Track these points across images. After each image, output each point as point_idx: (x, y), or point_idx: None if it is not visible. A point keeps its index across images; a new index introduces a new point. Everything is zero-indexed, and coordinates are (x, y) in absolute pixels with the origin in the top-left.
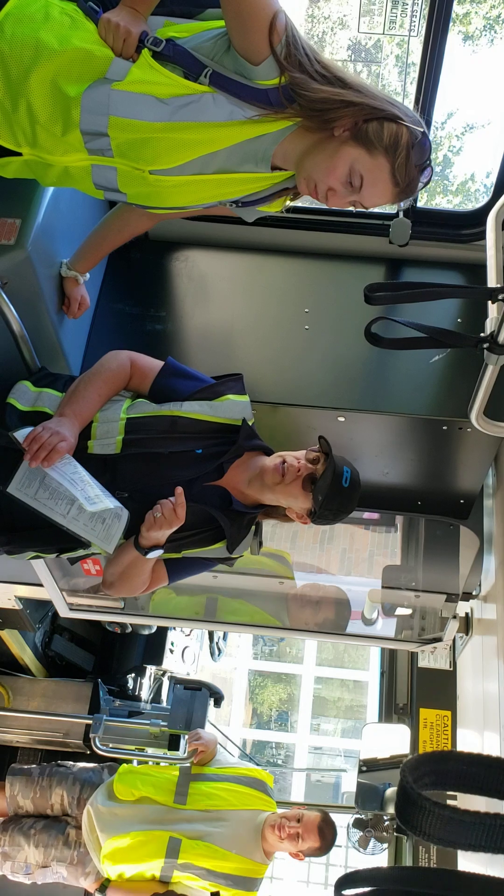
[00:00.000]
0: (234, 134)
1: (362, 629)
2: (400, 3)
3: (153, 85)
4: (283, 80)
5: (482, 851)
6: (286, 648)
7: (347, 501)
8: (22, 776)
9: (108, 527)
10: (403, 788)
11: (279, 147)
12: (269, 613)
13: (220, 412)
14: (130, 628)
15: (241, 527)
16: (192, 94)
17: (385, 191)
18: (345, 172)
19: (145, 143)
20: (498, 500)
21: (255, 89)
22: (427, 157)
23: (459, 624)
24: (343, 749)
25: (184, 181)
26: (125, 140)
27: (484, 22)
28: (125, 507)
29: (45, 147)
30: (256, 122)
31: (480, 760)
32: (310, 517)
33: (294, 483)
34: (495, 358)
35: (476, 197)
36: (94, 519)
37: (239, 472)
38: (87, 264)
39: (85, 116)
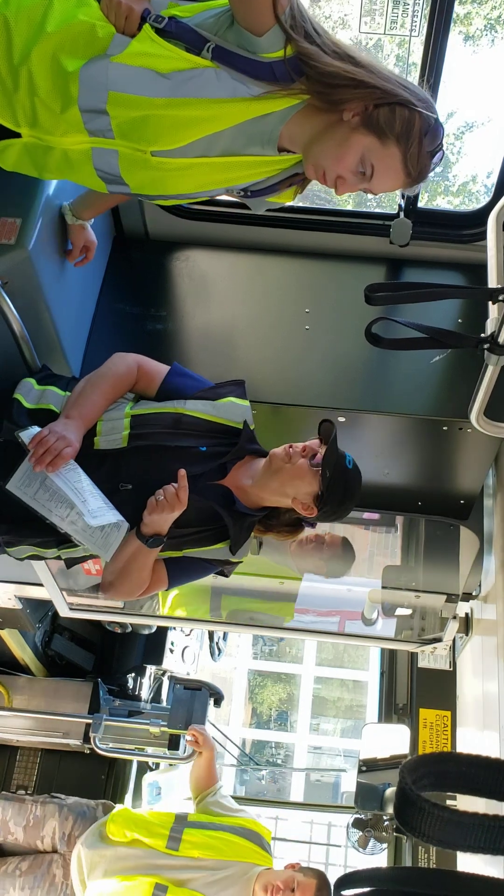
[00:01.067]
0: (239, 112)
1: (362, 629)
2: (401, 3)
3: (153, 58)
4: (288, 51)
5: (481, 853)
6: (286, 648)
7: (353, 484)
8: (15, 801)
9: (107, 535)
10: (402, 789)
11: (286, 127)
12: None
13: (223, 413)
14: (130, 628)
15: (242, 528)
16: (194, 68)
17: (396, 179)
18: (355, 161)
19: (146, 120)
20: (498, 501)
21: (260, 63)
22: (439, 143)
23: (459, 624)
24: (343, 749)
25: (188, 164)
26: (125, 119)
27: (485, 22)
28: (128, 501)
29: (45, 126)
30: (261, 99)
31: (480, 762)
32: (316, 504)
33: (301, 464)
34: (496, 358)
35: (477, 197)
36: (92, 526)
37: (240, 474)
38: (92, 213)
39: (83, 92)
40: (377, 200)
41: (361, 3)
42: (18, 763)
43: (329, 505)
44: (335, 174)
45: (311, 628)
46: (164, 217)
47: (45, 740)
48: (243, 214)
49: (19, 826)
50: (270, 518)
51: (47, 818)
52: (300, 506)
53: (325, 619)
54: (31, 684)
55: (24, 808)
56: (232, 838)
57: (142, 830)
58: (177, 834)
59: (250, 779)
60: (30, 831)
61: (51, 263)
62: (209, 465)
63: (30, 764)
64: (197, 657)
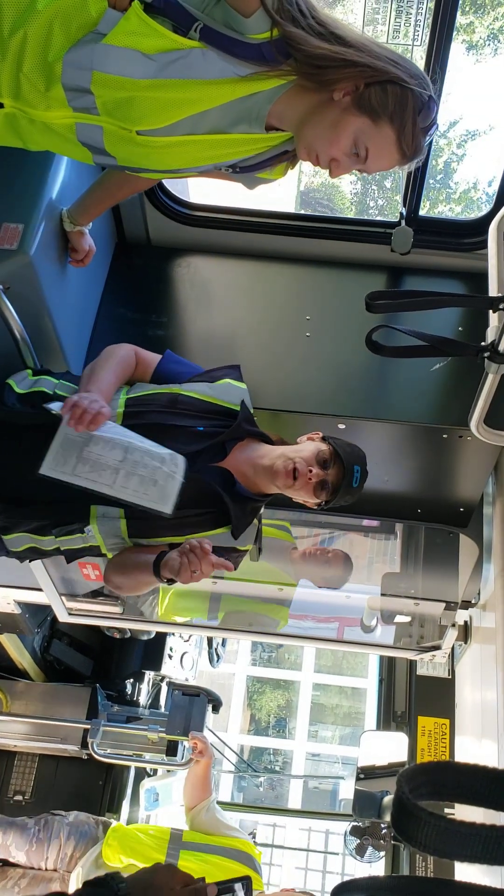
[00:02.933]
0: (226, 92)
1: (361, 636)
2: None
3: (139, 37)
4: (275, 33)
5: (478, 863)
6: (285, 655)
7: (357, 492)
8: (17, 827)
9: (163, 488)
10: (399, 799)
11: (274, 106)
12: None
13: (220, 394)
14: (129, 633)
15: (245, 512)
16: (180, 49)
17: (391, 159)
18: (349, 144)
19: (131, 101)
20: (497, 509)
21: (247, 44)
22: (433, 119)
23: (458, 632)
24: (341, 756)
25: (174, 142)
26: (110, 99)
27: (487, 32)
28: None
29: (28, 99)
30: (249, 79)
31: (478, 771)
32: (322, 504)
33: (305, 487)
34: (495, 367)
35: (478, 206)
36: (144, 483)
37: (241, 459)
38: (89, 218)
39: (67, 72)
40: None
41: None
42: (16, 768)
43: (335, 504)
44: (328, 157)
45: (310, 635)
46: (165, 223)
47: (43, 745)
48: (245, 221)
49: (21, 850)
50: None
51: (51, 841)
52: (304, 502)
53: (324, 625)
54: (29, 689)
55: (26, 832)
56: (226, 863)
57: (137, 856)
58: (172, 859)
59: (248, 785)
60: (32, 855)
61: (52, 268)
62: (207, 443)
63: (27, 769)
64: (195, 663)
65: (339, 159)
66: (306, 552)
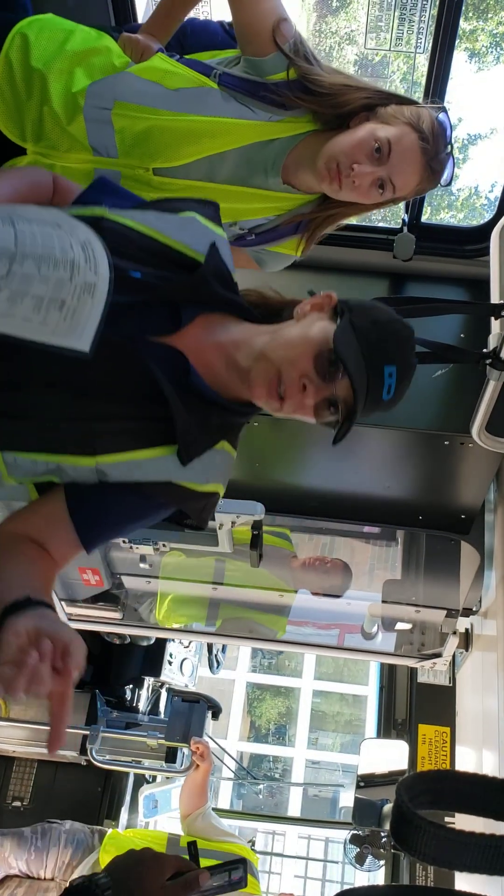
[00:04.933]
0: (243, 133)
1: (362, 643)
2: (407, 20)
3: (163, 73)
4: (291, 74)
5: (478, 872)
6: (285, 662)
7: (391, 405)
8: (13, 837)
9: (73, 312)
10: (399, 807)
11: (290, 157)
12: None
13: (176, 230)
14: (129, 639)
15: (200, 423)
16: (202, 86)
17: (415, 159)
18: (369, 143)
19: (149, 133)
20: (499, 516)
21: (265, 84)
22: (449, 136)
23: (459, 640)
24: (341, 764)
25: (191, 185)
26: (129, 132)
27: (490, 39)
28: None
29: (50, 139)
30: (267, 124)
31: (477, 780)
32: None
33: (298, 410)
34: (497, 374)
35: (481, 213)
36: (43, 306)
37: (206, 338)
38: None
39: (90, 100)
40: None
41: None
42: (14, 774)
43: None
44: (350, 160)
45: (311, 642)
46: None
47: (42, 751)
48: None
49: (20, 860)
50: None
51: (50, 848)
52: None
53: (325, 632)
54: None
55: (23, 841)
56: None
57: None
58: None
59: (248, 793)
60: (31, 864)
61: None
62: (147, 297)
63: (26, 775)
64: (195, 669)
65: (360, 161)
66: (306, 562)
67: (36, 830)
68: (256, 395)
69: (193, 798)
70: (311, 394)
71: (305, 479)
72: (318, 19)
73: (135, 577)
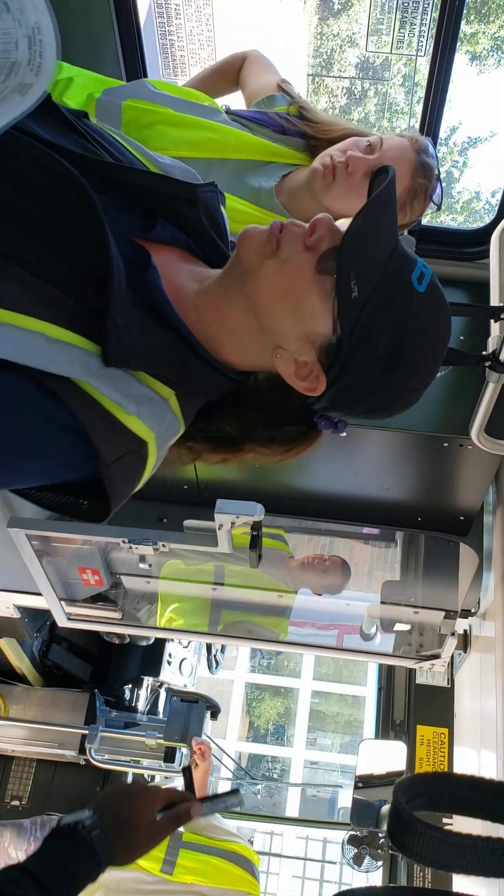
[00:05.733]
0: (245, 147)
1: (360, 644)
2: (408, 23)
3: (180, 91)
4: (292, 109)
5: (474, 875)
6: (284, 662)
7: (422, 332)
8: (13, 828)
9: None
10: (395, 809)
11: (284, 181)
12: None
13: (167, 166)
14: (128, 639)
15: (144, 332)
16: (212, 105)
17: (406, 154)
18: (362, 140)
19: (154, 127)
20: (498, 518)
21: (269, 113)
22: (435, 158)
23: (458, 641)
24: (340, 764)
25: None
26: (136, 126)
27: (491, 42)
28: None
29: None
30: (268, 144)
31: (474, 782)
32: (328, 362)
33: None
34: (496, 376)
35: (480, 215)
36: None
37: (181, 263)
38: None
39: (104, 96)
40: None
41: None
42: (13, 773)
43: (355, 373)
44: (344, 153)
45: (309, 642)
46: None
47: (41, 750)
48: None
49: (20, 850)
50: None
51: None
52: (294, 368)
53: (323, 632)
54: (27, 694)
55: (23, 831)
56: (225, 865)
57: None
58: (171, 857)
59: (246, 793)
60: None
61: None
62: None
63: (24, 775)
64: (194, 669)
65: (353, 152)
66: (304, 561)
67: (35, 822)
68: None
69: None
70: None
71: (305, 481)
72: (320, 22)
73: (134, 577)
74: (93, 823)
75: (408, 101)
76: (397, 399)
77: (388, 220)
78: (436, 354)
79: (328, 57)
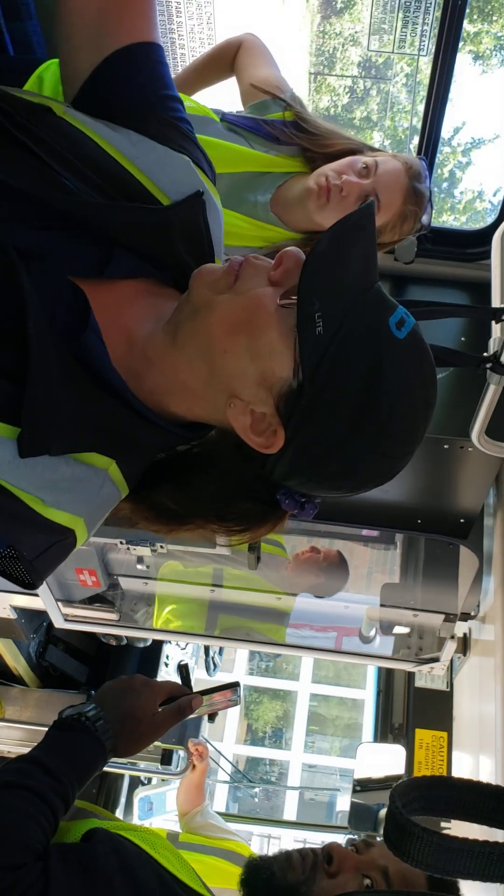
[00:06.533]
0: (240, 160)
1: (359, 647)
2: (410, 22)
3: None
4: (287, 115)
5: (471, 879)
6: (282, 664)
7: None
8: None
9: None
10: (392, 813)
11: (279, 191)
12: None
13: (150, 163)
14: (126, 641)
15: (74, 403)
16: (206, 115)
17: (400, 179)
18: (357, 162)
19: None
20: (498, 521)
21: (264, 119)
22: (428, 181)
23: (457, 644)
24: (338, 768)
25: None
26: None
27: (495, 42)
28: None
29: None
30: (263, 155)
31: (471, 787)
32: (285, 410)
33: (265, 294)
34: (498, 378)
35: (483, 216)
36: None
37: (137, 302)
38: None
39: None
40: None
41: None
42: None
43: (311, 427)
44: (338, 174)
45: (308, 645)
46: None
47: None
48: None
49: None
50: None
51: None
52: (249, 420)
53: (322, 635)
54: (23, 695)
55: None
56: (222, 864)
57: None
58: None
59: (244, 796)
60: None
61: None
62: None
63: None
64: (192, 671)
65: (347, 174)
66: (300, 555)
67: None
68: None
69: (191, 797)
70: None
71: None
72: (323, 20)
73: (132, 579)
74: (96, 715)
75: (410, 101)
76: (368, 463)
77: (363, 250)
78: (415, 414)
79: (330, 55)
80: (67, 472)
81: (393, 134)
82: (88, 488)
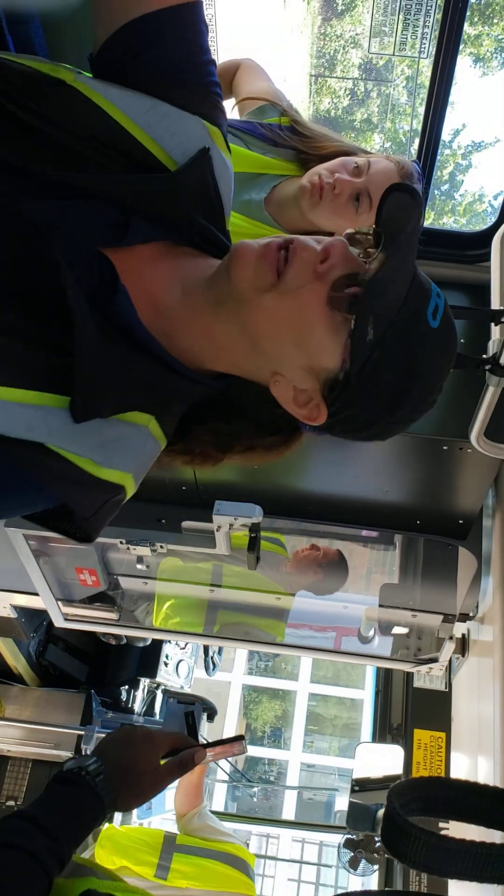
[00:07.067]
0: (235, 158)
1: (358, 647)
2: (411, 25)
3: None
4: (283, 120)
5: (469, 880)
6: (281, 664)
7: (428, 369)
8: None
9: None
10: (389, 814)
11: (274, 192)
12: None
13: (152, 122)
14: (125, 640)
15: (117, 368)
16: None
17: (392, 178)
18: (350, 162)
19: None
20: (497, 522)
21: (260, 123)
22: (421, 181)
23: (456, 645)
24: (337, 767)
25: None
26: None
27: (495, 45)
28: None
29: None
30: (260, 157)
31: (469, 788)
32: (331, 393)
33: (314, 291)
34: (497, 379)
35: (483, 218)
36: None
37: (159, 265)
38: None
39: None
40: None
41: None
42: (8, 774)
43: (360, 403)
44: (331, 173)
45: (307, 645)
46: None
47: (36, 751)
48: None
49: None
50: (220, 406)
51: None
52: (292, 395)
53: (321, 635)
54: (23, 694)
55: None
56: (220, 868)
57: (129, 859)
58: (165, 862)
59: (242, 796)
60: None
61: None
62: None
63: (20, 775)
64: (191, 671)
65: (340, 172)
66: (299, 552)
67: None
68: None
69: (189, 797)
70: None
71: (304, 483)
72: (323, 23)
73: (132, 578)
74: (96, 769)
75: (410, 103)
76: (397, 429)
77: (409, 261)
78: (440, 387)
79: (331, 57)
80: (113, 433)
81: (394, 136)
82: (133, 445)
